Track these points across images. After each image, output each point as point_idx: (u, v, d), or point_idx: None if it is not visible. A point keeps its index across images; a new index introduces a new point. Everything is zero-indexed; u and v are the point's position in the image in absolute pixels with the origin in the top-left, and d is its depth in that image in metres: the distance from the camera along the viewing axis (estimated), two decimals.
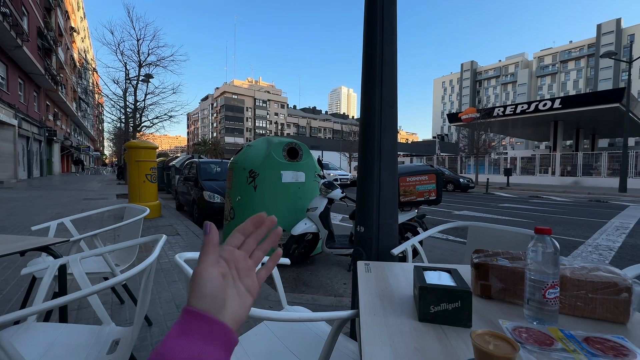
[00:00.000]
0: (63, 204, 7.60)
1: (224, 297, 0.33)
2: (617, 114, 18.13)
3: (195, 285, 0.32)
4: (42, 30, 18.53)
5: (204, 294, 0.31)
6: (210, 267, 0.33)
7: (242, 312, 0.34)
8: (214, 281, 0.32)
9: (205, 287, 0.31)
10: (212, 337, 0.29)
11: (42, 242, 1.42)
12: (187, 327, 0.29)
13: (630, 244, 4.69)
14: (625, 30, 59.34)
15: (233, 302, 0.33)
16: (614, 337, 0.62)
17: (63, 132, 27.58)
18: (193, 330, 0.29)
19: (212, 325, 0.30)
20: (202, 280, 0.32)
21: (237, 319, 0.33)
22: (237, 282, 0.35)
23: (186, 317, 0.30)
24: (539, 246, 0.70)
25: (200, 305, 0.31)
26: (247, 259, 0.37)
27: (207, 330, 0.29)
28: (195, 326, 0.29)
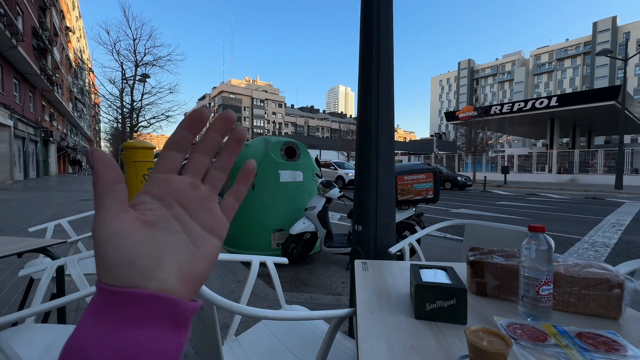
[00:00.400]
0: (60, 205, 7.57)
1: (152, 252, 0.22)
2: (613, 111, 18.25)
3: (96, 251, 0.21)
4: (37, 30, 18.39)
5: (109, 261, 0.21)
6: (111, 219, 0.21)
7: (200, 262, 0.23)
8: (123, 237, 0.21)
9: (109, 250, 0.21)
10: (143, 315, 0.20)
11: (39, 244, 1.42)
12: (104, 308, 0.20)
13: (625, 240, 4.73)
14: (620, 28, 59.68)
15: (179, 253, 0.23)
16: (606, 332, 0.63)
17: (59, 132, 27.40)
18: (114, 312, 0.20)
19: (139, 300, 0.20)
20: (102, 241, 0.21)
21: (191, 273, 0.23)
22: (187, 222, 0.24)
23: (97, 297, 0.21)
24: (533, 244, 0.71)
25: (111, 278, 0.21)
26: (197, 185, 0.24)
27: (133, 307, 0.20)
28: (111, 307, 0.20)
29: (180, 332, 0.22)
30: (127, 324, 0.20)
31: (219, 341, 0.80)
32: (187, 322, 0.22)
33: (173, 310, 0.21)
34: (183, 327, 0.22)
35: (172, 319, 0.21)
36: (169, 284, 0.22)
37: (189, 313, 0.22)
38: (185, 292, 0.23)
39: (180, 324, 0.22)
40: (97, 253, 0.21)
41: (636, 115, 21.66)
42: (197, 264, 0.23)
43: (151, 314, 0.21)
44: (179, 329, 0.22)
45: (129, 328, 0.20)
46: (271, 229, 3.46)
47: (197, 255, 0.23)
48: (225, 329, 1.43)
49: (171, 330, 0.21)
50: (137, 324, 0.20)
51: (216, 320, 0.80)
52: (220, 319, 1.95)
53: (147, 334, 0.20)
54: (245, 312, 0.81)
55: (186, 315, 0.22)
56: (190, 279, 0.23)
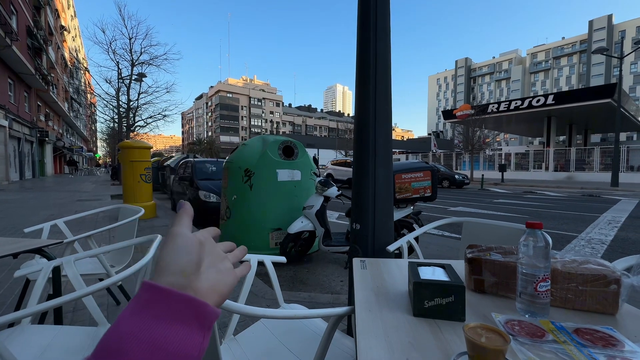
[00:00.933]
0: (56, 205, 7.52)
1: (198, 260, 0.29)
2: (609, 109, 18.38)
3: (165, 246, 0.29)
4: (32, 29, 18.21)
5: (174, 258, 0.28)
6: (186, 229, 0.31)
7: (223, 285, 0.30)
8: (190, 240, 0.29)
9: (178, 248, 0.28)
10: (176, 313, 0.24)
11: (35, 244, 1.41)
12: (143, 304, 0.24)
13: (621, 237, 4.77)
14: (616, 27, 60.01)
15: (211, 272, 0.30)
16: (603, 328, 0.63)
17: (55, 132, 27.19)
18: (150, 308, 0.24)
19: (174, 298, 0.25)
20: (176, 239, 0.29)
21: (217, 290, 0.29)
22: (216, 261, 0.32)
23: (141, 292, 0.25)
24: (530, 240, 0.71)
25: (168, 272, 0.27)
26: (223, 252, 0.35)
27: (168, 305, 0.24)
28: (153, 301, 0.24)
29: (204, 334, 0.25)
30: (160, 318, 0.23)
31: (217, 341, 0.79)
32: (211, 325, 0.26)
33: (201, 312, 0.25)
34: (207, 330, 0.26)
35: (199, 320, 0.25)
36: (203, 289, 0.28)
37: (214, 316, 0.26)
38: (213, 298, 0.28)
39: (205, 326, 0.25)
40: (167, 245, 0.28)
41: (632, 113, 21.81)
42: (220, 284, 0.30)
43: (183, 314, 0.24)
44: (203, 331, 0.25)
45: (162, 322, 0.23)
46: (269, 228, 3.45)
47: (221, 279, 0.31)
48: (224, 329, 1.42)
49: (197, 331, 0.25)
50: (169, 318, 0.24)
51: None
52: (219, 319, 1.94)
53: (176, 328, 0.24)
54: (243, 311, 0.81)
55: (211, 318, 0.26)
56: (217, 291, 0.29)
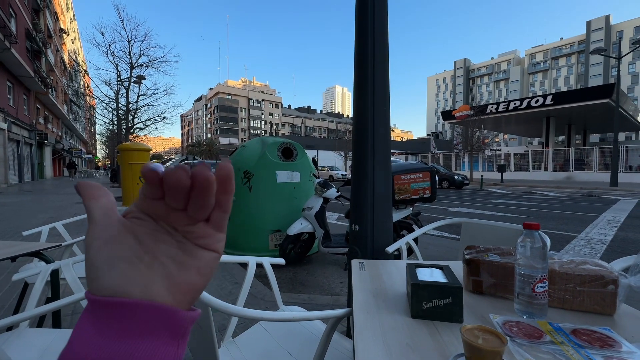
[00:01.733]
0: (55, 208, 7.50)
1: (135, 258, 0.21)
2: (608, 109, 18.43)
3: (86, 261, 0.21)
4: (31, 32, 18.23)
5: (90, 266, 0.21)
6: (96, 226, 0.21)
7: (192, 273, 0.22)
8: (105, 242, 0.21)
9: (91, 254, 0.21)
10: (140, 326, 0.20)
11: (33, 247, 1.41)
12: (99, 319, 0.20)
13: (621, 237, 4.77)
14: (614, 27, 60.26)
15: (168, 261, 0.22)
16: (601, 328, 0.63)
17: (54, 135, 27.18)
18: (108, 323, 0.20)
19: (136, 310, 0.20)
20: (87, 246, 0.21)
21: (183, 283, 0.22)
22: (176, 236, 0.23)
23: (89, 307, 0.20)
24: (528, 241, 0.71)
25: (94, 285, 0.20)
26: (180, 211, 0.22)
27: (129, 318, 0.20)
28: (110, 315, 0.20)
29: (178, 343, 0.21)
30: (122, 334, 0.20)
31: (215, 343, 0.79)
32: (185, 333, 0.22)
33: (172, 320, 0.21)
34: (181, 338, 0.21)
35: (171, 329, 0.21)
36: (155, 293, 0.21)
37: (187, 323, 0.22)
38: (179, 302, 0.22)
39: (178, 335, 0.21)
40: (87, 272, 0.21)
41: (630, 112, 21.89)
42: (189, 275, 0.22)
43: (148, 326, 0.20)
44: (177, 340, 0.21)
45: (124, 340, 0.19)
46: (269, 230, 3.45)
47: (189, 267, 0.22)
48: (223, 331, 1.42)
49: (168, 340, 0.21)
50: (133, 334, 0.20)
51: (212, 322, 0.80)
52: (218, 321, 1.94)
53: (143, 344, 0.20)
54: (241, 313, 0.81)
55: (184, 325, 0.21)
56: (183, 289, 0.22)
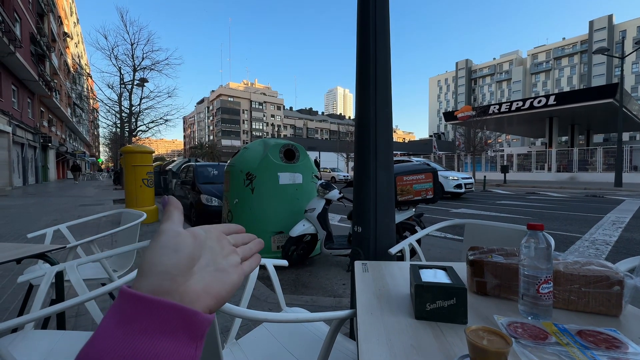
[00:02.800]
0: (59, 210, 7.55)
1: (190, 259, 0.26)
2: (611, 109, 18.30)
3: (151, 245, 0.25)
4: (35, 36, 18.42)
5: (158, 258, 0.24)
6: (177, 225, 0.27)
7: (221, 285, 0.27)
8: (179, 237, 0.26)
9: (164, 245, 0.25)
10: (161, 325, 0.21)
11: (38, 250, 1.42)
12: (123, 316, 0.21)
13: (626, 237, 4.73)
14: (617, 27, 59.97)
15: (207, 271, 0.27)
16: (607, 329, 0.63)
17: (58, 138, 27.40)
18: (131, 320, 0.21)
19: (159, 309, 0.22)
20: (162, 236, 0.26)
21: (212, 291, 0.26)
22: (218, 257, 0.29)
23: (120, 302, 0.22)
24: (532, 242, 0.71)
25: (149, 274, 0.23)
26: (231, 245, 0.32)
27: (152, 316, 0.21)
28: (134, 313, 0.21)
29: (196, 344, 0.23)
30: (144, 333, 0.21)
31: (218, 345, 0.79)
32: (203, 335, 0.24)
33: (191, 322, 0.23)
34: (199, 339, 0.23)
35: (190, 331, 0.22)
36: (192, 289, 0.25)
37: (205, 325, 0.24)
38: (207, 305, 0.25)
39: (196, 336, 0.23)
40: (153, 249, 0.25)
41: (634, 112, 21.72)
42: (218, 285, 0.27)
43: (170, 326, 0.22)
44: (195, 341, 0.23)
45: (146, 337, 0.21)
46: (271, 232, 3.45)
47: (220, 280, 0.27)
48: (226, 333, 1.42)
49: (188, 342, 0.22)
50: (155, 332, 0.21)
51: (216, 324, 0.80)
52: (221, 323, 1.94)
53: (164, 343, 0.21)
54: (245, 315, 0.81)
55: (203, 327, 0.23)
56: (212, 293, 0.26)
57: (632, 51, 14.49)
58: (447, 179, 10.70)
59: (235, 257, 0.31)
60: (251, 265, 0.33)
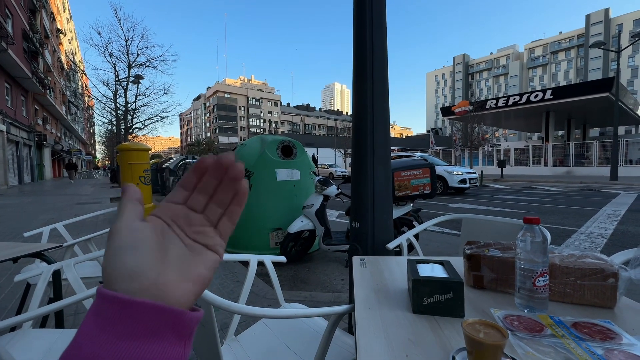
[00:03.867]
0: (56, 209, 7.51)
1: (155, 252, 0.23)
2: (607, 103, 18.38)
3: (109, 245, 0.22)
4: (28, 32, 18.15)
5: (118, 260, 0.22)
6: (131, 220, 0.24)
7: (199, 266, 0.25)
8: (136, 233, 0.23)
9: (120, 247, 0.22)
10: (146, 327, 0.20)
11: (34, 248, 1.41)
12: (105, 319, 0.20)
13: (621, 231, 4.78)
14: (613, 20, 59.99)
15: (180, 258, 0.24)
16: (601, 321, 0.64)
17: (53, 136, 27.15)
18: (114, 323, 0.20)
19: (143, 311, 0.20)
20: (115, 237, 0.22)
21: (191, 276, 0.24)
22: (186, 239, 0.26)
23: (100, 304, 0.21)
24: (528, 236, 0.72)
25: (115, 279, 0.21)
26: (196, 214, 0.26)
27: (136, 319, 0.20)
28: (116, 315, 0.20)
29: (184, 343, 0.22)
30: (130, 336, 0.20)
31: (217, 341, 0.80)
32: (191, 333, 0.23)
33: (178, 321, 0.22)
34: (187, 338, 0.22)
35: (175, 330, 0.22)
36: (169, 278, 0.23)
37: (193, 323, 0.23)
38: (188, 291, 0.23)
39: (184, 335, 0.22)
40: (110, 244, 0.22)
41: (630, 106, 21.84)
42: (196, 267, 0.25)
43: (155, 327, 0.21)
44: (183, 340, 0.22)
45: (132, 339, 0.20)
46: (269, 228, 3.46)
47: (197, 261, 0.25)
48: (225, 329, 1.43)
49: (175, 341, 0.21)
50: (140, 335, 0.20)
51: (214, 320, 0.80)
52: (220, 319, 1.94)
53: (150, 345, 0.20)
54: (243, 311, 0.81)
55: (190, 326, 0.22)
56: (192, 278, 0.24)
57: (628, 45, 14.52)
58: (451, 174, 10.41)
59: (206, 228, 0.26)
60: (232, 218, 0.27)
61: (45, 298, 1.58)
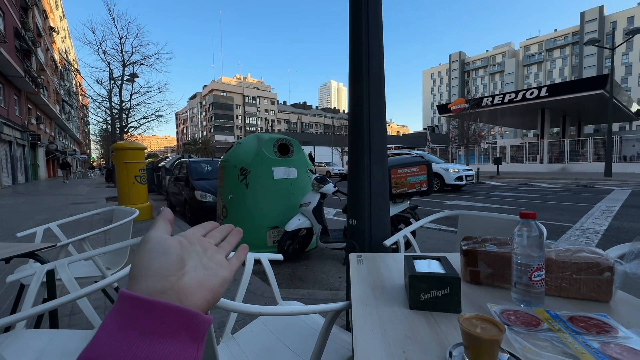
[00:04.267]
0: (51, 209, 7.44)
1: (179, 260, 0.27)
2: (602, 100, 18.54)
3: (138, 251, 0.26)
4: (20, 30, 17.90)
5: (148, 261, 0.25)
6: (163, 233, 0.29)
7: (214, 279, 0.28)
8: (166, 242, 0.27)
9: (152, 250, 0.26)
10: (163, 327, 0.22)
11: (27, 248, 1.39)
12: (124, 318, 0.22)
13: (615, 226, 4.83)
14: (607, 18, 60.39)
15: (198, 269, 0.28)
16: (597, 315, 0.64)
17: (47, 135, 26.86)
18: (132, 323, 0.21)
19: (160, 311, 0.22)
20: (149, 242, 0.27)
21: (206, 285, 0.27)
22: (203, 258, 0.30)
23: (121, 304, 0.22)
24: (524, 230, 0.71)
25: (142, 277, 0.24)
26: (213, 245, 0.33)
27: (153, 318, 0.22)
28: (135, 315, 0.22)
29: (197, 346, 0.23)
30: (146, 336, 0.21)
31: (213, 340, 0.79)
32: (204, 336, 0.24)
33: (192, 323, 0.23)
34: (200, 341, 0.24)
35: (191, 332, 0.23)
36: (187, 284, 0.26)
37: (206, 326, 0.24)
38: (202, 299, 0.26)
39: (198, 337, 0.23)
40: (141, 251, 0.26)
41: (624, 103, 22.03)
42: (210, 280, 0.28)
43: (171, 327, 0.22)
44: (196, 343, 0.23)
45: (148, 340, 0.21)
46: (266, 227, 3.45)
47: (210, 275, 0.28)
48: (222, 328, 1.42)
49: (189, 343, 0.23)
50: (157, 335, 0.21)
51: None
52: (217, 318, 1.94)
53: (166, 345, 0.21)
54: (240, 309, 0.80)
55: (203, 328, 0.24)
56: (206, 287, 0.27)
57: (622, 42, 14.63)
58: (447, 172, 10.45)
59: (219, 255, 0.32)
60: (239, 258, 0.34)
61: (40, 298, 1.57)
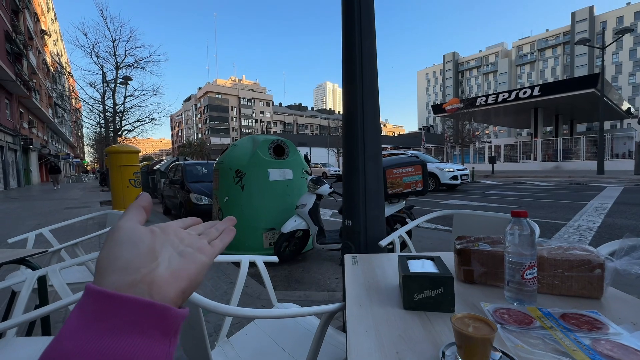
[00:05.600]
0: (43, 214, 7.33)
1: (150, 251, 0.25)
2: (593, 99, 18.80)
3: (109, 238, 0.24)
4: (10, 33, 17.67)
5: (116, 253, 0.23)
6: (134, 222, 0.26)
7: (191, 266, 0.26)
8: (136, 232, 0.25)
9: (120, 241, 0.24)
10: (131, 323, 0.20)
11: (17, 254, 1.37)
12: (90, 314, 0.20)
13: (608, 223, 4.89)
14: (597, 18, 61.35)
15: (172, 258, 0.26)
16: (589, 312, 0.64)
17: (40, 140, 26.51)
18: (99, 319, 0.20)
19: (129, 306, 0.21)
20: (116, 233, 0.24)
21: (181, 274, 0.25)
22: (180, 246, 0.28)
23: (87, 299, 0.21)
24: (516, 229, 0.72)
25: (109, 271, 0.22)
26: (193, 234, 0.30)
27: (121, 314, 0.20)
28: (102, 310, 0.20)
29: (169, 341, 0.22)
30: (114, 331, 0.20)
31: (207, 344, 0.78)
32: (177, 330, 0.23)
33: (163, 317, 0.22)
34: (173, 335, 0.22)
35: (162, 327, 0.22)
36: (160, 273, 0.24)
37: (179, 319, 0.23)
38: (178, 285, 0.24)
39: (169, 332, 0.22)
40: (107, 246, 0.24)
41: (614, 102, 22.36)
42: (186, 267, 0.26)
43: (141, 323, 0.21)
44: (169, 337, 0.22)
45: (116, 336, 0.20)
46: (262, 229, 3.43)
47: (186, 262, 0.26)
48: (218, 332, 1.41)
49: (160, 338, 0.21)
50: (125, 331, 0.20)
51: (203, 322, 0.79)
52: (213, 321, 1.92)
53: (135, 341, 0.20)
54: (234, 312, 0.80)
55: (176, 322, 0.23)
56: (182, 276, 0.25)
57: (612, 42, 14.87)
58: (442, 171, 10.47)
59: (200, 241, 0.30)
60: (223, 240, 0.32)
61: (32, 305, 1.54)
